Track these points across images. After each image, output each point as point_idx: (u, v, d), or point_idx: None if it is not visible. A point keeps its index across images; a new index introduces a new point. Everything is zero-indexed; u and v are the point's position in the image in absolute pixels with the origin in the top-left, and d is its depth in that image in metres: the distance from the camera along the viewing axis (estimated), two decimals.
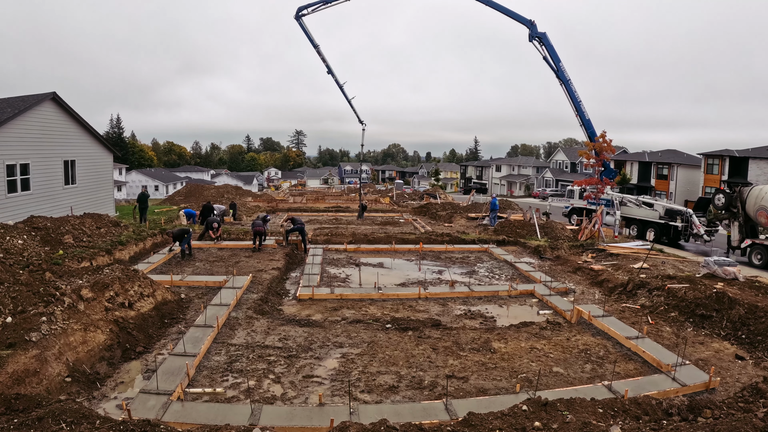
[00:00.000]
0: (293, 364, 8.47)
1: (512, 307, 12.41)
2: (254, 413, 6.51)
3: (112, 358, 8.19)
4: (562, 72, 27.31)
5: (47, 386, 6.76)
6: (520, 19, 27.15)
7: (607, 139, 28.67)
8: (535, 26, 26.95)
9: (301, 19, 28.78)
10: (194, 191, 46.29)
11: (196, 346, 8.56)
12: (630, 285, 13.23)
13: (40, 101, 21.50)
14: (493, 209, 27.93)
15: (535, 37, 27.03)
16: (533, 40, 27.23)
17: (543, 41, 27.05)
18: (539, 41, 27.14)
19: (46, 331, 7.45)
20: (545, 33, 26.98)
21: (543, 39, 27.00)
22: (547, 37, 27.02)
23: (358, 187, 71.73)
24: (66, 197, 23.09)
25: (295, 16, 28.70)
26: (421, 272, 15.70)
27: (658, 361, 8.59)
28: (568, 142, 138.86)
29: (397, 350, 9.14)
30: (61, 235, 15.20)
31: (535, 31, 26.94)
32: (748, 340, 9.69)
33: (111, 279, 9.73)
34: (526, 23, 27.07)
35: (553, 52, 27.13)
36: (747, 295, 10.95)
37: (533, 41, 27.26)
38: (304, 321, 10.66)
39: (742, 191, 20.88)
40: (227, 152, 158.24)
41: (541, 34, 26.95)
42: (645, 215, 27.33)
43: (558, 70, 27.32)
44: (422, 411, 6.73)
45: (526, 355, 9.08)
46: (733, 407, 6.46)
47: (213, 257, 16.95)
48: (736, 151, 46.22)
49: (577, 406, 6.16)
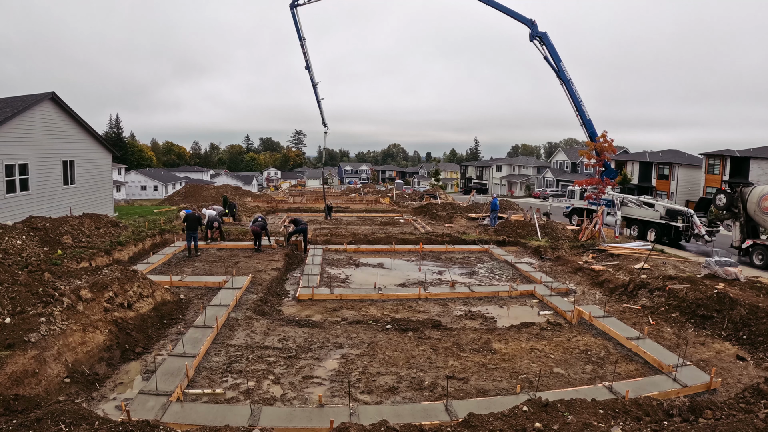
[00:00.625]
0: (293, 364, 8.45)
1: (513, 307, 12.38)
2: (254, 414, 6.49)
3: (111, 359, 8.17)
4: (563, 72, 27.27)
5: (46, 387, 6.75)
6: (520, 18, 27.10)
7: (608, 139, 28.60)
8: (536, 26, 26.91)
9: (296, 9, 28.49)
10: (193, 191, 46.34)
11: (196, 347, 8.53)
12: (631, 285, 13.20)
13: (39, 101, 21.46)
14: (494, 209, 27.88)
15: (536, 36, 26.97)
16: (534, 40, 27.18)
17: (543, 41, 27.01)
18: (540, 41, 27.10)
19: (45, 332, 7.43)
20: (546, 33, 26.95)
21: (544, 38, 26.97)
22: (547, 36, 26.99)
23: (357, 188, 71.91)
24: (65, 197, 23.07)
25: (291, 4, 28.38)
26: (421, 273, 15.67)
27: (659, 362, 8.56)
28: (568, 142, 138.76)
29: (397, 351, 9.12)
30: (60, 235, 15.19)
31: (536, 31, 26.89)
32: (749, 341, 9.65)
33: (110, 279, 9.70)
34: (526, 23, 27.02)
35: (554, 51, 27.11)
36: (748, 296, 10.92)
37: (534, 41, 27.21)
38: (303, 322, 10.63)
39: (744, 191, 20.82)
40: (227, 152, 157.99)
41: (542, 34, 26.92)
42: (646, 215, 27.28)
43: (559, 70, 27.28)
44: (422, 412, 6.72)
45: (527, 356, 9.05)
46: (734, 408, 6.44)
47: (212, 258, 16.92)
48: (737, 151, 46.14)
49: (577, 407, 6.15)
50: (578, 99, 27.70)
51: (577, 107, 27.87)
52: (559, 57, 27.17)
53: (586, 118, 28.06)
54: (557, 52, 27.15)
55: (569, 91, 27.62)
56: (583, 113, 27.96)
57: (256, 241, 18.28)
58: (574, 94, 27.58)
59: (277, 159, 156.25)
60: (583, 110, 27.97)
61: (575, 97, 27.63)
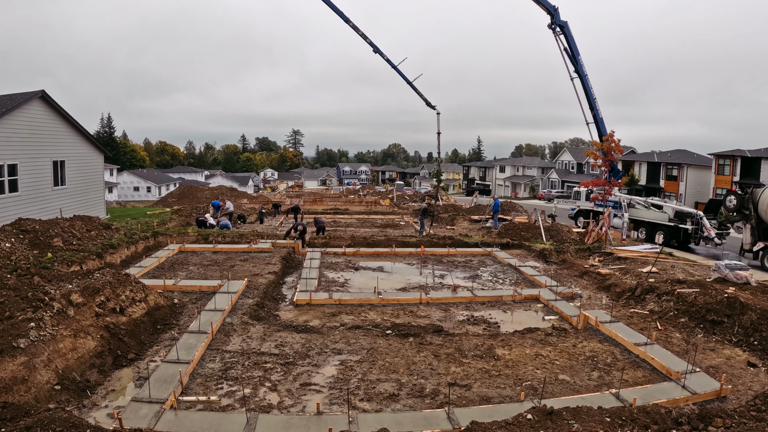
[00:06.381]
0: (290, 371, 8.27)
1: (516, 312, 12.16)
2: (250, 422, 6.36)
3: (103, 365, 8.00)
4: (581, 65, 26.08)
5: (36, 394, 6.61)
6: (545, 3, 25.28)
7: (615, 139, 28.22)
8: (558, 13, 25.26)
9: None
10: (188, 193, 46.19)
11: (190, 353, 8.36)
12: (638, 290, 12.97)
13: (28, 100, 21.15)
14: (496, 211, 27.61)
15: (557, 25, 25.38)
16: (554, 28, 25.59)
17: (564, 30, 25.52)
18: (560, 29, 25.55)
19: (35, 338, 7.28)
20: (567, 22, 25.40)
21: (564, 28, 25.48)
22: (568, 26, 25.47)
23: (356, 189, 71.73)
24: (55, 199, 22.74)
25: None
26: (422, 276, 15.47)
27: (667, 369, 8.36)
28: (574, 141, 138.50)
29: (398, 357, 8.93)
30: (50, 238, 14.97)
31: (558, 19, 25.27)
32: (760, 347, 9.42)
33: (102, 283, 9.52)
34: (550, 8, 25.26)
35: (574, 43, 25.74)
36: (759, 300, 10.74)
37: (553, 29, 25.63)
38: (301, 327, 10.44)
39: (755, 192, 20.43)
40: (222, 152, 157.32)
41: (563, 23, 25.39)
42: (654, 217, 26.96)
43: (577, 63, 26.03)
44: (423, 420, 6.57)
45: (531, 362, 8.86)
46: (744, 416, 6.25)
47: (207, 261, 16.65)
48: (748, 151, 45.60)
49: (583, 414, 6.00)
50: (593, 95, 26.92)
51: (591, 104, 26.97)
52: (578, 50, 25.91)
53: (600, 117, 27.52)
54: (576, 44, 25.85)
55: (585, 86, 26.47)
56: (597, 110, 27.25)
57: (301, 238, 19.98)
58: (590, 91, 26.65)
59: (273, 159, 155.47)
60: (597, 108, 27.29)
61: (591, 93, 26.68)
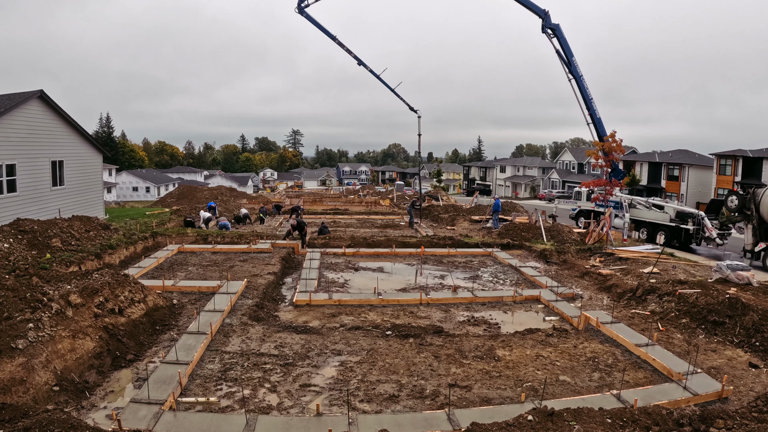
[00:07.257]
0: (290, 372, 8.23)
1: (517, 313, 12.11)
2: (249, 423, 6.33)
3: (102, 366, 7.97)
4: (575, 66, 26.42)
5: (34, 395, 6.58)
6: (534, 8, 26.13)
7: (616, 139, 28.17)
8: (549, 17, 25.93)
9: (305, 11, 26.60)
10: (187, 193, 46.10)
11: (189, 354, 8.33)
12: (639, 290, 12.93)
13: (26, 99, 21.09)
14: (496, 211, 27.56)
15: (549, 28, 26.04)
16: (546, 31, 26.28)
17: (556, 33, 26.13)
18: (552, 33, 26.20)
19: (33, 338, 7.24)
20: (559, 25, 26.02)
21: (556, 30, 26.09)
22: (560, 29, 26.07)
23: (356, 189, 71.65)
24: (54, 199, 22.67)
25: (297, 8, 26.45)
26: (422, 277, 15.42)
27: (668, 370, 8.32)
28: (575, 141, 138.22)
29: (398, 358, 8.89)
30: (49, 238, 14.91)
31: (548, 22, 25.95)
32: (762, 348, 9.38)
33: (100, 284, 9.48)
34: (540, 13, 26.06)
35: (566, 44, 26.24)
36: (761, 301, 10.72)
37: (546, 32, 26.32)
38: (301, 328, 10.40)
39: (756, 193, 20.29)
40: (221, 152, 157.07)
41: (555, 26, 26.02)
42: (655, 218, 26.88)
43: (570, 65, 26.44)
44: (424, 421, 6.54)
45: (532, 363, 8.82)
46: (746, 417, 6.24)
47: (206, 261, 16.61)
48: (749, 151, 45.47)
49: (584, 416, 5.99)
50: (589, 96, 27.01)
51: (588, 104, 27.16)
52: (572, 51, 26.32)
53: (597, 117, 27.51)
54: (569, 45, 26.31)
55: (581, 87, 26.74)
56: (594, 111, 27.31)
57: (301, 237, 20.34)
58: (586, 91, 26.80)
59: (273, 159, 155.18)
60: (594, 108, 27.33)
61: (587, 94, 26.85)
